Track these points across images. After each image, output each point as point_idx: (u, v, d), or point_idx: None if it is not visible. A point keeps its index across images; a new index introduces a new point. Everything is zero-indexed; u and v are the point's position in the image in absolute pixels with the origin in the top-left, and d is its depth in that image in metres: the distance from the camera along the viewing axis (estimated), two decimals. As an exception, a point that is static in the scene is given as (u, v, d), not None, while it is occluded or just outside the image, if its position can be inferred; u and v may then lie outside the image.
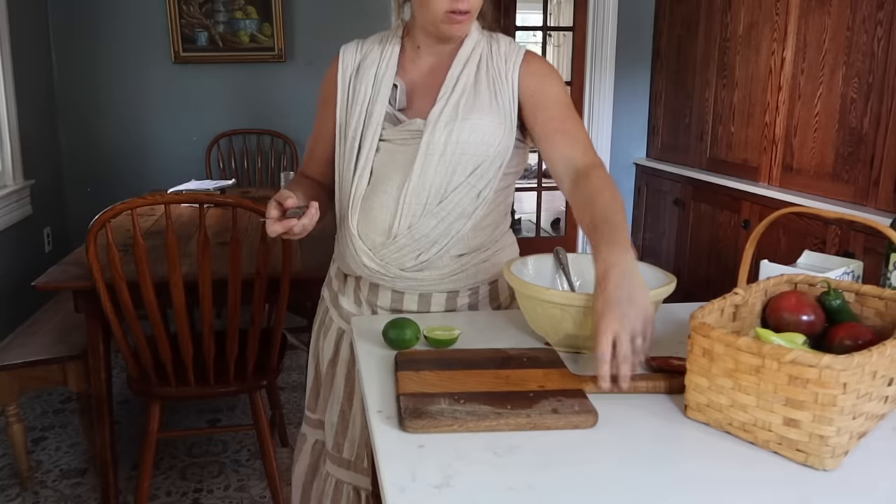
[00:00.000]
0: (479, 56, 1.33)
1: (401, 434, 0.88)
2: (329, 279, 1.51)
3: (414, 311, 1.37)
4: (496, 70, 1.33)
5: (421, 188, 1.27)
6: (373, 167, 1.32)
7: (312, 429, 1.55)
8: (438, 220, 1.29)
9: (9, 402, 2.20)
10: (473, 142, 1.28)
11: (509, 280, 1.15)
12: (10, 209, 3.27)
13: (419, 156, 1.27)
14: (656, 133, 4.38)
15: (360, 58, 1.36)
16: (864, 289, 1.05)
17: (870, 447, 0.86)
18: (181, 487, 2.33)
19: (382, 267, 1.32)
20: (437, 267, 1.33)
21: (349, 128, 1.33)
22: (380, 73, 1.33)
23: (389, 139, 1.31)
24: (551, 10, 7.59)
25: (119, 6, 3.89)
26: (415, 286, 1.35)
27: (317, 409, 1.52)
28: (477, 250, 1.36)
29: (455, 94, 1.29)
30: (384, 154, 1.31)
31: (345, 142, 1.34)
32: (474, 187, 1.30)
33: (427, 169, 1.27)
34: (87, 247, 1.77)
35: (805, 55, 2.94)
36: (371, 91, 1.32)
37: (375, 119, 1.31)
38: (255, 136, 4.10)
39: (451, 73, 1.31)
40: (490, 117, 1.29)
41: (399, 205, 1.28)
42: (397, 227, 1.29)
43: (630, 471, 0.81)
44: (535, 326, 1.16)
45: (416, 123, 1.29)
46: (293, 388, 3.07)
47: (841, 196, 2.74)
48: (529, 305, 1.13)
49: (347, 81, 1.35)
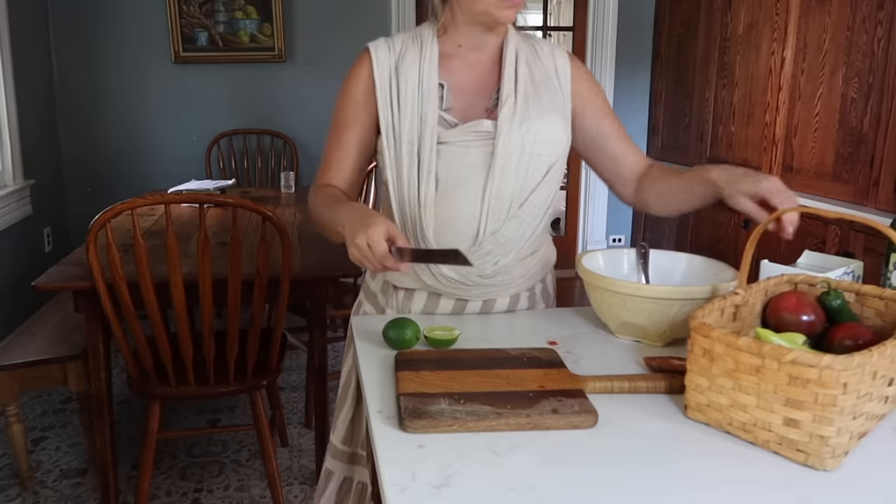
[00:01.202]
0: (525, 57, 1.30)
1: (401, 434, 0.88)
2: (371, 295, 1.41)
3: (476, 311, 1.33)
4: (545, 71, 1.32)
5: (504, 191, 1.24)
6: (437, 172, 1.25)
7: (345, 464, 1.42)
8: (519, 223, 1.26)
9: (9, 402, 2.20)
10: (548, 141, 1.27)
11: (585, 275, 1.21)
12: (10, 209, 3.27)
13: (497, 158, 1.23)
14: (656, 133, 4.38)
15: (397, 57, 1.29)
16: (864, 289, 1.05)
17: (870, 447, 0.86)
18: (181, 487, 2.33)
19: (463, 276, 1.27)
20: (508, 272, 1.30)
21: (402, 130, 1.25)
22: (423, 73, 1.26)
23: (449, 141, 1.24)
24: (551, 10, 7.58)
25: (119, 6, 3.89)
26: (485, 292, 1.31)
27: (353, 441, 1.40)
28: (536, 251, 1.35)
29: (520, 94, 1.26)
30: (447, 158, 1.24)
31: (399, 146, 1.25)
32: (548, 188, 1.29)
33: (507, 171, 1.24)
34: (87, 247, 1.77)
35: (805, 55, 2.94)
36: (419, 92, 1.25)
37: (431, 122, 1.24)
38: (255, 136, 4.10)
39: (508, 73, 1.28)
40: (556, 117, 1.29)
41: (483, 209, 1.24)
42: (483, 232, 1.25)
43: (630, 471, 0.81)
44: (605, 317, 1.23)
45: (484, 125, 1.24)
46: (293, 388, 3.07)
47: (841, 196, 2.74)
48: (599, 295, 1.20)
49: (388, 81, 1.27)
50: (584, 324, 1.29)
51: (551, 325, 1.28)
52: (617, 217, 4.69)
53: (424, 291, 1.32)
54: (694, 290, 1.12)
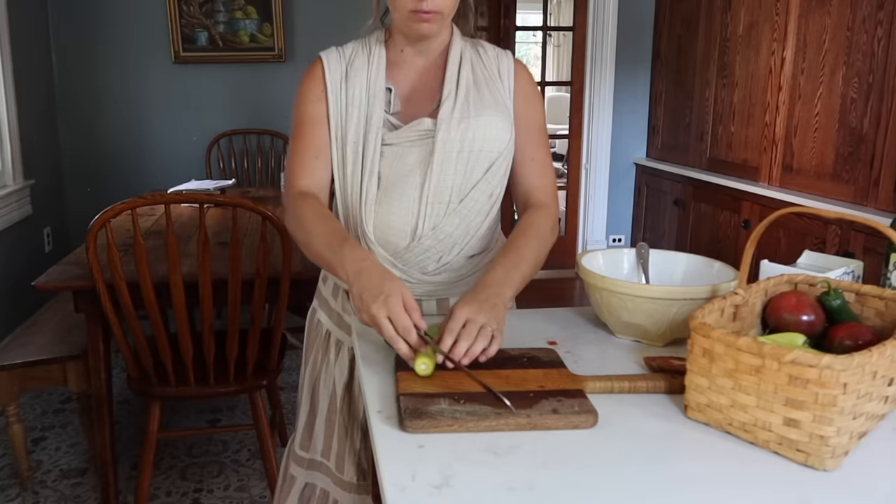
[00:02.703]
0: (469, 59, 1.34)
1: (401, 434, 0.88)
2: (323, 301, 1.44)
3: (434, 313, 1.35)
4: (489, 72, 1.34)
5: (442, 186, 1.27)
6: (379, 172, 1.29)
7: (305, 470, 1.44)
8: (460, 218, 1.29)
9: (9, 402, 2.20)
10: (488, 138, 1.29)
11: (585, 275, 1.20)
12: (10, 209, 3.27)
13: (436, 154, 1.26)
14: (656, 133, 4.39)
15: (347, 62, 1.33)
16: (864, 289, 1.05)
17: (870, 447, 0.85)
18: (181, 487, 2.33)
19: (405, 272, 1.29)
20: (454, 269, 1.32)
21: (348, 132, 1.29)
22: (371, 76, 1.31)
23: (393, 142, 1.28)
24: (551, 10, 7.59)
25: (119, 6, 3.89)
26: (433, 291, 1.33)
27: (311, 448, 1.43)
28: (484, 251, 1.37)
29: (461, 93, 1.29)
30: (390, 158, 1.28)
31: (345, 147, 1.29)
32: (489, 184, 1.31)
33: (447, 167, 1.26)
34: (87, 247, 1.77)
35: (805, 55, 2.94)
36: (366, 95, 1.29)
37: (376, 123, 1.28)
38: (255, 136, 4.10)
39: (450, 74, 1.31)
40: (498, 115, 1.31)
41: (422, 205, 1.27)
42: (422, 228, 1.27)
43: (630, 471, 0.81)
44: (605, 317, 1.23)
45: (425, 123, 1.27)
46: (293, 388, 3.07)
47: (841, 196, 2.74)
48: (599, 295, 1.20)
49: (338, 84, 1.31)
50: (584, 324, 1.29)
51: (551, 325, 1.28)
52: (617, 217, 4.69)
53: None
54: (694, 290, 1.12)
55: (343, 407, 1.37)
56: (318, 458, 1.42)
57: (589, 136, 4.60)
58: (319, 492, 1.43)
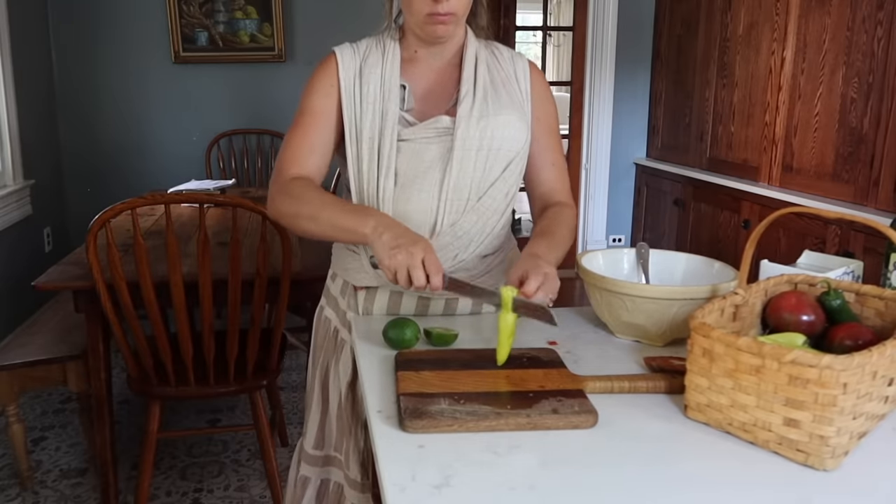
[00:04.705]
0: (484, 60, 1.34)
1: (401, 434, 0.88)
2: (331, 299, 1.43)
3: (439, 314, 1.35)
4: (506, 73, 1.35)
5: (461, 184, 1.27)
6: (396, 168, 1.28)
7: (319, 468, 1.43)
8: (478, 216, 1.29)
9: (9, 402, 2.20)
10: (507, 137, 1.29)
11: (585, 275, 1.22)
12: (10, 209, 3.27)
13: (455, 151, 1.26)
14: (656, 133, 4.39)
15: (361, 59, 1.32)
16: (864, 289, 1.05)
17: (870, 447, 0.86)
18: (181, 487, 2.33)
19: None
20: (467, 269, 1.32)
21: (363, 128, 1.27)
22: (385, 73, 1.30)
23: (409, 139, 1.27)
24: (551, 10, 7.59)
25: (119, 6, 3.89)
26: (444, 290, 1.33)
27: (325, 444, 1.42)
28: (498, 251, 1.37)
29: (479, 92, 1.30)
30: (407, 154, 1.27)
31: (360, 143, 1.28)
32: (506, 183, 1.31)
33: (465, 164, 1.27)
34: (87, 247, 1.77)
35: (805, 55, 2.94)
36: (381, 91, 1.29)
37: (391, 119, 1.26)
38: (255, 136, 4.10)
39: (467, 73, 1.31)
40: (515, 115, 1.31)
41: (441, 201, 1.27)
42: (441, 224, 1.27)
43: (630, 471, 0.81)
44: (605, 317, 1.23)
45: (443, 121, 1.27)
46: (293, 388, 3.07)
47: (841, 196, 2.74)
48: (599, 295, 1.20)
49: (352, 81, 1.30)
50: (584, 324, 1.29)
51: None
52: (617, 217, 4.69)
53: (386, 290, 1.33)
54: (694, 290, 1.12)
55: (347, 405, 1.37)
56: (332, 453, 1.42)
57: (589, 135, 4.60)
58: (333, 485, 1.42)
